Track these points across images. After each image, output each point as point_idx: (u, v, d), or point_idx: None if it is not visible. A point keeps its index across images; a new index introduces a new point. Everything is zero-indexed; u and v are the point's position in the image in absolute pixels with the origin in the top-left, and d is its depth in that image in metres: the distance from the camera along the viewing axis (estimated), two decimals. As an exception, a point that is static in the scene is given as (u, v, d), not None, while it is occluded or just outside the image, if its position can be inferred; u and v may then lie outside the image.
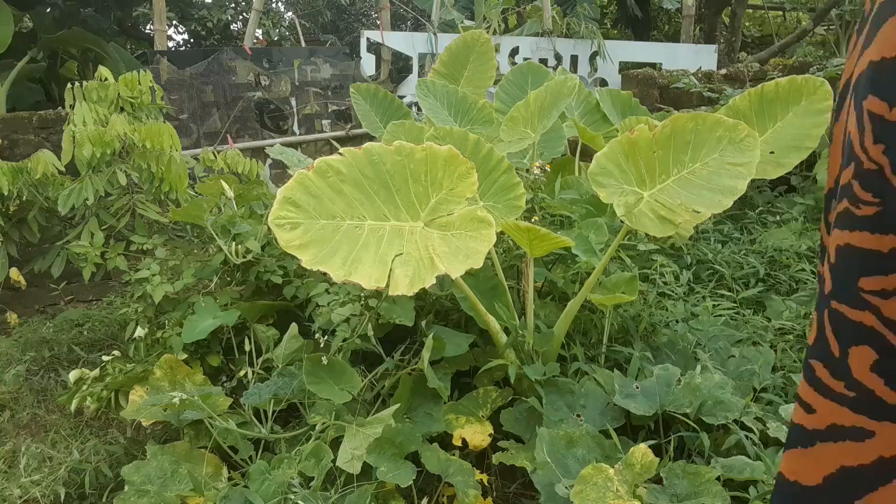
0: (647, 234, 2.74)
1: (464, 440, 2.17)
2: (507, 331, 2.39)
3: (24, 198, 3.50)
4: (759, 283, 3.23)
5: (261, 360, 2.49)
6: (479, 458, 2.27)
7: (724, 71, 5.30)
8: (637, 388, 2.20)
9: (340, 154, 2.03)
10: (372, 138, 3.73)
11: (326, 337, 2.38)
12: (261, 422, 2.29)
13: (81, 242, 3.21)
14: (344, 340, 2.36)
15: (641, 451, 1.86)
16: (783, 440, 1.96)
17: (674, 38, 10.16)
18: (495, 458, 2.09)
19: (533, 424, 2.20)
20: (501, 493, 2.22)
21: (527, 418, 2.25)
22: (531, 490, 2.08)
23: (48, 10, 7.61)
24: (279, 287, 2.73)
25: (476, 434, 2.19)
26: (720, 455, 2.01)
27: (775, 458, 1.92)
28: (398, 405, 2.18)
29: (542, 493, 1.90)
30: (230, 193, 2.93)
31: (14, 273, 3.59)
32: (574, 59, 6.94)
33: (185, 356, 2.50)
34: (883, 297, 0.65)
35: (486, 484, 2.10)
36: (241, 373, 2.45)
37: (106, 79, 3.44)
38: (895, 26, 0.63)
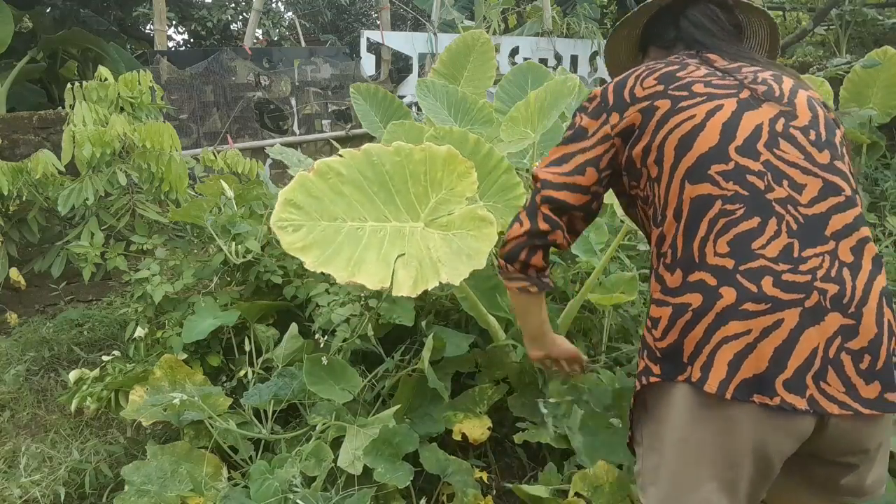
0: (647, 235, 2.73)
1: (464, 435, 2.17)
2: (507, 331, 2.39)
3: (24, 198, 3.49)
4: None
5: (261, 360, 2.49)
6: (480, 459, 2.27)
7: (723, 71, 5.28)
8: None
9: (340, 155, 2.02)
10: (372, 138, 3.72)
11: (326, 337, 2.38)
12: (261, 422, 2.28)
13: (81, 242, 3.21)
14: (344, 340, 2.36)
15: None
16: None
17: (674, 37, 10.13)
18: (517, 438, 2.11)
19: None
20: (502, 493, 2.22)
21: (534, 404, 2.26)
22: (531, 490, 2.08)
23: (48, 10, 7.60)
24: (279, 287, 2.73)
25: (475, 428, 2.19)
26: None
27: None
28: (399, 405, 2.18)
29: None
30: (230, 193, 2.93)
31: (14, 273, 3.58)
32: (574, 59, 6.94)
33: (185, 356, 2.50)
34: None
35: (486, 482, 2.10)
36: (241, 373, 2.45)
37: (106, 79, 3.44)
38: None
